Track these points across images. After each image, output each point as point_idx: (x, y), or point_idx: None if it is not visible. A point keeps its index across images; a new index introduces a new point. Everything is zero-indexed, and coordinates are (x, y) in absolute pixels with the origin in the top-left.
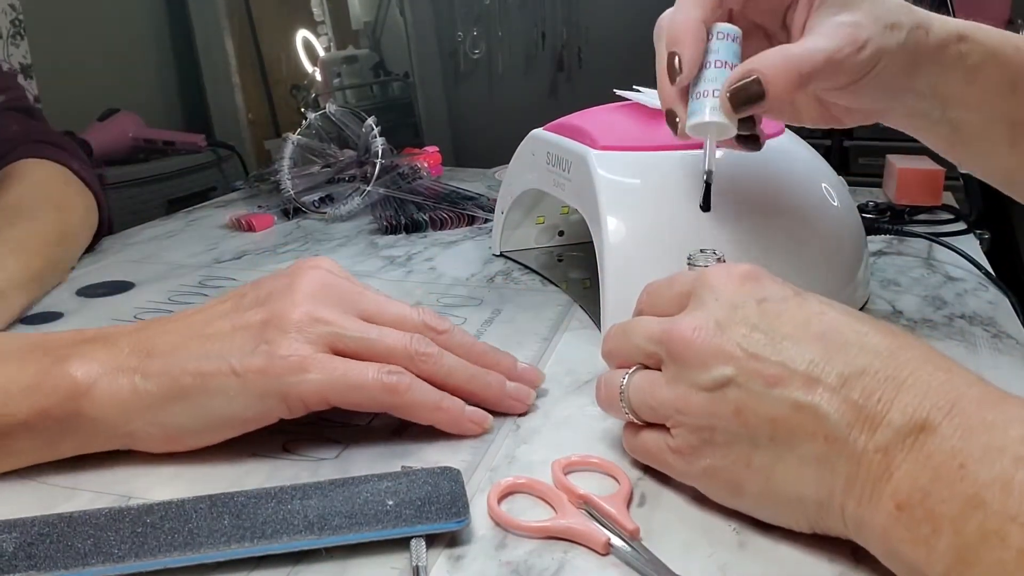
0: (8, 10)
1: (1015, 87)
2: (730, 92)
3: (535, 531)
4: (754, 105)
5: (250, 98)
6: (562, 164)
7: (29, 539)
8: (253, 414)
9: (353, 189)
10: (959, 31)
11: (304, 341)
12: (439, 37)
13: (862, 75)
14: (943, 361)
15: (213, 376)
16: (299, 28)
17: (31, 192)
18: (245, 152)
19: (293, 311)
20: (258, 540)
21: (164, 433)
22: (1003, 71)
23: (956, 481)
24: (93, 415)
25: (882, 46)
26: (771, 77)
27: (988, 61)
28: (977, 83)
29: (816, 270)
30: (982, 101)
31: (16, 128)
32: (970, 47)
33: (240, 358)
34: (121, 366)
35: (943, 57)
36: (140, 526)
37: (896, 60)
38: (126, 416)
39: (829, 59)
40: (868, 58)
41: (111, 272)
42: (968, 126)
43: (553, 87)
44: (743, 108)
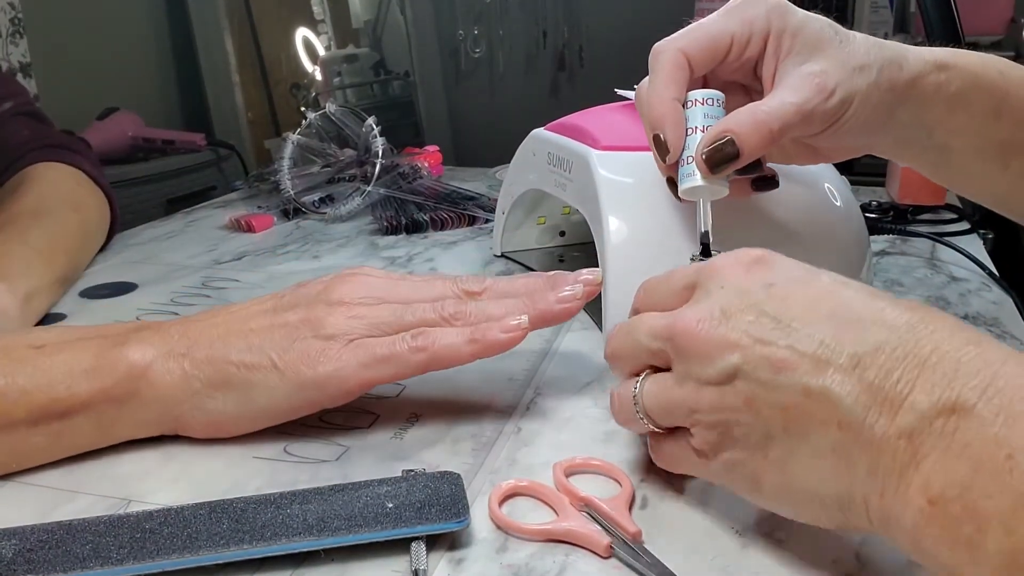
0: (7, 8)
1: (1000, 112)
2: (705, 154)
3: (536, 534)
4: (730, 164)
5: (250, 97)
6: (563, 164)
7: (28, 545)
8: (295, 404)
9: (353, 189)
10: (938, 60)
11: (339, 336)
12: (440, 36)
13: (834, 120)
14: (972, 333)
15: (255, 368)
16: (299, 27)
17: (49, 194)
18: (245, 151)
19: (329, 313)
20: (257, 543)
21: (208, 419)
22: (987, 97)
23: (1004, 473)
24: (148, 396)
25: (851, 90)
26: (743, 136)
27: (970, 88)
28: (960, 110)
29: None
30: (968, 127)
31: (26, 133)
32: (950, 75)
33: (280, 352)
34: (172, 351)
35: (921, 89)
36: (139, 531)
37: (870, 99)
38: (176, 399)
39: (799, 111)
40: (837, 104)
41: (112, 273)
42: (957, 151)
43: (554, 86)
44: (720, 168)
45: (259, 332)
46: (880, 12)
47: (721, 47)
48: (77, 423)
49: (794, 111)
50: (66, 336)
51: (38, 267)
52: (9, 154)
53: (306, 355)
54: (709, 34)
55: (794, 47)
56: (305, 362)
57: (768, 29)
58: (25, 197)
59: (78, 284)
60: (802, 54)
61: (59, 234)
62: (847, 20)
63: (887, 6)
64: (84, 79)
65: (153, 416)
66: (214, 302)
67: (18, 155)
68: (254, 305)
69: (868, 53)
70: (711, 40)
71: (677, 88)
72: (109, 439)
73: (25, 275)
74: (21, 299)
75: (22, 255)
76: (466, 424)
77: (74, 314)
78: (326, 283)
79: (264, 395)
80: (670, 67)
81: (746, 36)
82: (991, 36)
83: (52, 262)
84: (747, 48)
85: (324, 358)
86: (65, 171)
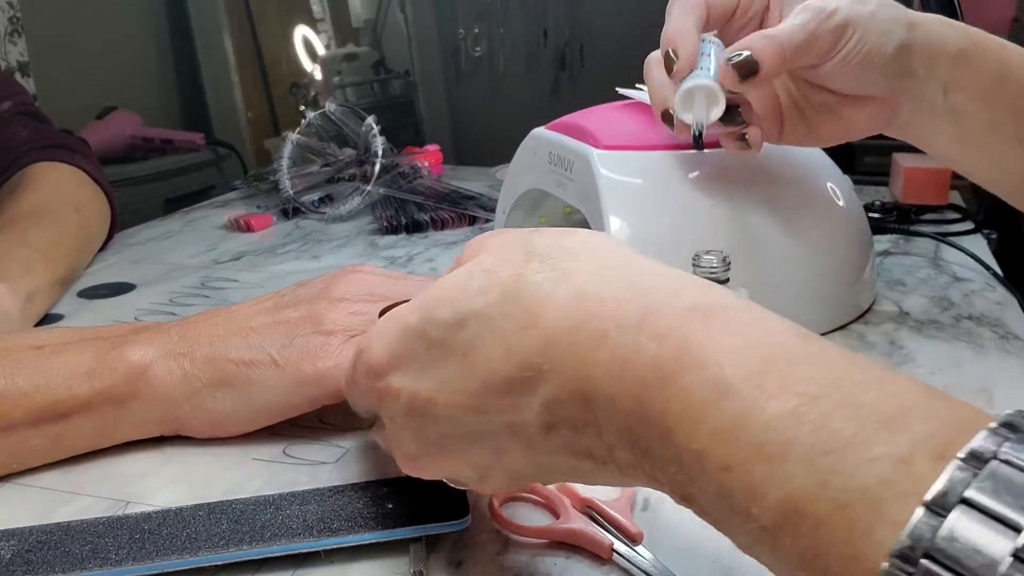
0: (6, 7)
1: (1006, 75)
2: (734, 63)
3: (537, 535)
4: (752, 78)
5: (249, 96)
6: (564, 164)
7: (27, 546)
8: (295, 401)
9: (353, 189)
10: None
11: (339, 332)
12: (440, 35)
13: (837, 42)
14: None
15: (255, 366)
16: (299, 25)
17: (51, 195)
18: (244, 151)
19: (329, 309)
20: (257, 543)
21: (209, 418)
22: (991, 58)
23: None
24: (148, 397)
25: (852, 15)
26: (762, 53)
27: (972, 47)
28: (966, 67)
29: (822, 270)
30: (976, 86)
31: (26, 133)
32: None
33: (280, 349)
34: (172, 351)
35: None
36: (138, 532)
37: (872, 28)
38: (176, 400)
39: (803, 30)
40: (839, 23)
41: (111, 273)
42: (973, 119)
43: (555, 86)
44: (745, 79)
45: (259, 330)
46: None
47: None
48: (77, 424)
49: (799, 31)
50: (66, 337)
51: (39, 268)
52: (9, 154)
53: (306, 351)
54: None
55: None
56: (305, 358)
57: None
58: (27, 197)
59: (77, 284)
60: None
61: (60, 235)
62: None
63: None
64: (83, 78)
65: (154, 416)
66: (213, 302)
67: (18, 155)
68: (255, 304)
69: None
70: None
71: (695, 19)
72: (110, 440)
73: (26, 276)
74: (22, 300)
75: (23, 256)
76: None
77: (73, 314)
78: (327, 281)
79: (264, 392)
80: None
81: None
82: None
83: (53, 263)
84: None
85: (324, 354)
86: (67, 171)
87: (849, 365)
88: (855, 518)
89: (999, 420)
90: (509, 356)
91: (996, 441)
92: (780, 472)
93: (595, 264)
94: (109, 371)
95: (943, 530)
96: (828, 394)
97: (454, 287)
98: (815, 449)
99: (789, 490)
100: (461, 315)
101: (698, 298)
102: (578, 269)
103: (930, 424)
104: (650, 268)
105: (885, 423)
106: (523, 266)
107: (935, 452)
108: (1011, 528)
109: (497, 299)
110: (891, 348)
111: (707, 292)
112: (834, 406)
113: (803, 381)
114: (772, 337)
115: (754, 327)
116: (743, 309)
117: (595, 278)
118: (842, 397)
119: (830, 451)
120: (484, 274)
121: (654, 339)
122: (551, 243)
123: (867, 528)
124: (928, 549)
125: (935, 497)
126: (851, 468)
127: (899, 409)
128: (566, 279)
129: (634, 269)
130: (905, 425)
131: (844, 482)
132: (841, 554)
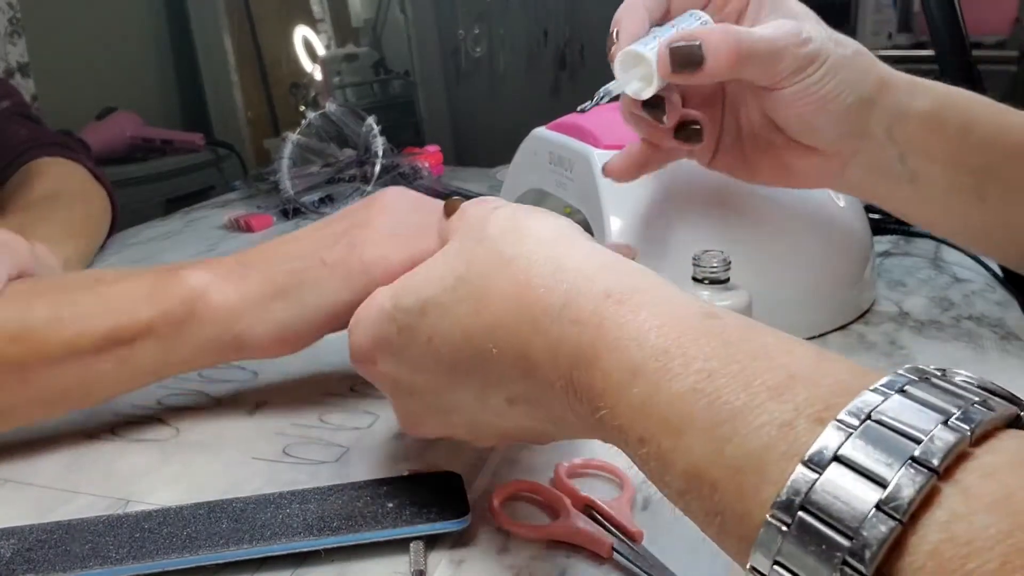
0: (5, 8)
1: (970, 132)
2: (671, 48)
3: (538, 535)
4: (691, 70)
5: (249, 97)
6: (564, 164)
7: (27, 545)
8: (346, 296)
9: (353, 189)
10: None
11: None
12: (440, 35)
13: (800, 71)
14: None
15: (305, 271)
16: (299, 26)
17: (60, 186)
18: (244, 151)
19: (372, 218)
20: (257, 542)
21: (268, 331)
22: (958, 116)
23: None
24: (207, 316)
25: (824, 50)
26: (712, 45)
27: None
28: (932, 131)
29: (822, 270)
30: (940, 150)
31: (24, 132)
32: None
33: (327, 251)
34: (227, 274)
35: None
36: (138, 531)
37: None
38: (234, 316)
39: (771, 42)
40: (809, 52)
41: None
42: (931, 180)
43: (555, 86)
44: (680, 70)
45: (305, 239)
46: (883, 11)
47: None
48: (141, 348)
49: (765, 42)
50: (124, 271)
51: (65, 240)
52: (9, 151)
53: (351, 247)
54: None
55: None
56: (350, 252)
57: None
58: (38, 186)
59: None
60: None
61: (74, 220)
62: (850, 19)
63: (891, 5)
64: (82, 79)
65: (214, 334)
66: None
67: (18, 152)
68: (303, 230)
69: (845, 39)
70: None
71: None
72: (174, 363)
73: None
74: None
75: (49, 229)
76: None
77: None
78: (364, 202)
79: (316, 293)
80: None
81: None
82: (995, 36)
83: (75, 239)
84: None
85: (369, 244)
86: (70, 166)
87: (745, 340)
88: (744, 480)
89: (880, 381)
90: (467, 339)
91: (875, 401)
92: (683, 443)
93: (531, 248)
94: (168, 295)
95: (817, 485)
96: (722, 369)
97: (422, 275)
98: (710, 421)
99: (691, 460)
100: (422, 302)
101: (612, 284)
102: (516, 254)
103: (815, 390)
104: (577, 251)
105: (772, 392)
106: (473, 251)
107: (815, 416)
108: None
109: (452, 285)
110: (891, 348)
111: (622, 277)
112: (727, 379)
113: (702, 358)
114: (678, 317)
115: (663, 308)
116: (653, 290)
117: (527, 264)
118: (735, 371)
119: (723, 422)
120: (444, 261)
121: (575, 325)
122: (502, 226)
123: (754, 488)
124: (804, 502)
125: (811, 456)
126: (740, 436)
127: (787, 377)
128: (505, 265)
129: (562, 252)
130: (791, 392)
131: (734, 449)
132: (735, 512)
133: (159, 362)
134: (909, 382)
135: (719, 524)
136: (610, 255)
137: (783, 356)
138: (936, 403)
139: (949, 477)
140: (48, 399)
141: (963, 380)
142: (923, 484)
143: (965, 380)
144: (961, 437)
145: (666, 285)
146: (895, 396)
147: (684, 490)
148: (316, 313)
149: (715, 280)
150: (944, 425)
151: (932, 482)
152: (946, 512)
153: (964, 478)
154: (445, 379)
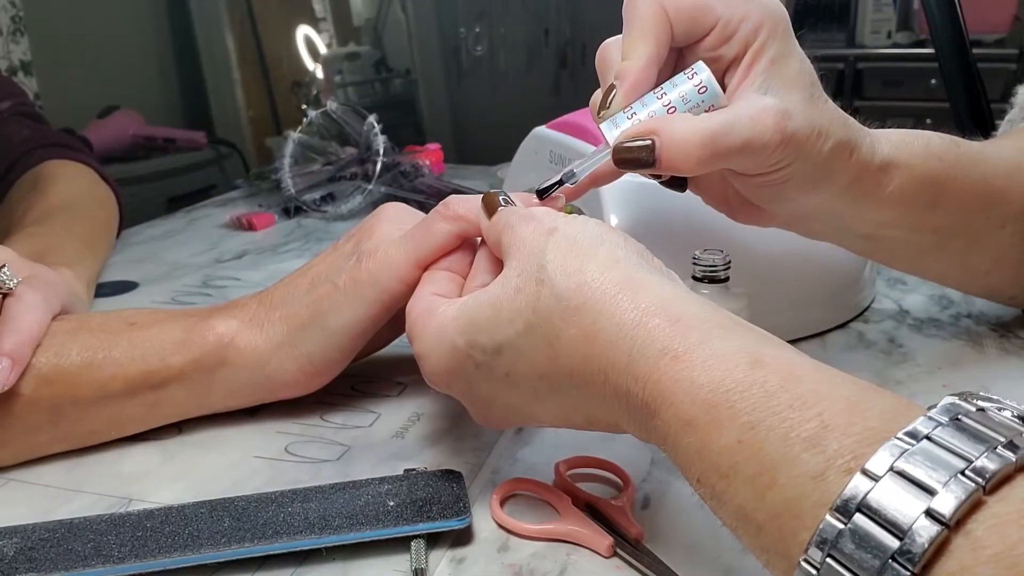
0: (8, 7)
1: (936, 203)
2: (617, 149)
3: (538, 533)
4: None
5: (251, 95)
6: (565, 163)
7: (30, 544)
8: (362, 314)
9: (355, 187)
10: (883, 160)
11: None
12: (441, 34)
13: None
14: None
15: (321, 299)
16: (300, 24)
17: (74, 191)
18: (246, 150)
19: (374, 228)
20: (258, 541)
21: (297, 366)
22: (925, 190)
23: None
24: (237, 362)
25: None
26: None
27: (908, 184)
28: (894, 207)
29: (821, 269)
30: (901, 221)
31: (27, 132)
32: (891, 176)
33: (337, 274)
34: (253, 319)
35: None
36: (140, 530)
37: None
38: (263, 358)
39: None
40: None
41: (114, 272)
42: (889, 242)
43: (556, 84)
44: (628, 169)
45: (319, 267)
46: (883, 10)
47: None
48: (172, 393)
49: (741, 140)
50: (156, 315)
51: (87, 258)
52: (12, 152)
53: (357, 265)
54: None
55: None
56: (357, 267)
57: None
58: (54, 192)
59: None
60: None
61: (94, 227)
62: (850, 18)
63: (890, 4)
64: (85, 77)
65: (244, 379)
66: (215, 300)
67: (21, 152)
68: (318, 256)
69: (832, 123)
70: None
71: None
72: (204, 407)
73: (80, 265)
74: (86, 286)
75: (73, 246)
76: (468, 423)
77: None
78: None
79: (335, 318)
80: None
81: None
82: (995, 34)
83: (95, 254)
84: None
85: (372, 253)
86: (80, 168)
87: (784, 389)
88: (784, 524)
89: (908, 427)
90: (544, 379)
91: (899, 451)
92: (731, 488)
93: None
94: (200, 341)
95: (845, 530)
96: (762, 423)
97: (490, 314)
98: (754, 470)
99: (738, 502)
100: (497, 343)
101: (668, 343)
102: (580, 304)
103: (845, 441)
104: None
105: (806, 444)
106: (536, 297)
107: (844, 467)
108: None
109: (523, 330)
110: (890, 346)
111: (679, 330)
112: (767, 432)
113: (747, 411)
114: (726, 371)
115: (714, 363)
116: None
117: (593, 320)
118: (775, 424)
119: (764, 472)
120: (510, 301)
121: (637, 382)
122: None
123: (792, 531)
124: (831, 551)
125: (838, 506)
126: (779, 485)
127: (820, 428)
128: (571, 315)
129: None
130: (823, 444)
131: (774, 496)
132: (778, 551)
133: (191, 405)
134: (938, 425)
135: (766, 560)
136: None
137: (819, 404)
138: (959, 449)
139: (961, 527)
140: (76, 438)
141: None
142: (935, 536)
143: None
144: (974, 489)
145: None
146: (921, 444)
147: (736, 527)
148: (339, 337)
149: (715, 279)
150: (961, 475)
151: (943, 535)
152: (956, 563)
153: (974, 529)
154: (525, 401)
